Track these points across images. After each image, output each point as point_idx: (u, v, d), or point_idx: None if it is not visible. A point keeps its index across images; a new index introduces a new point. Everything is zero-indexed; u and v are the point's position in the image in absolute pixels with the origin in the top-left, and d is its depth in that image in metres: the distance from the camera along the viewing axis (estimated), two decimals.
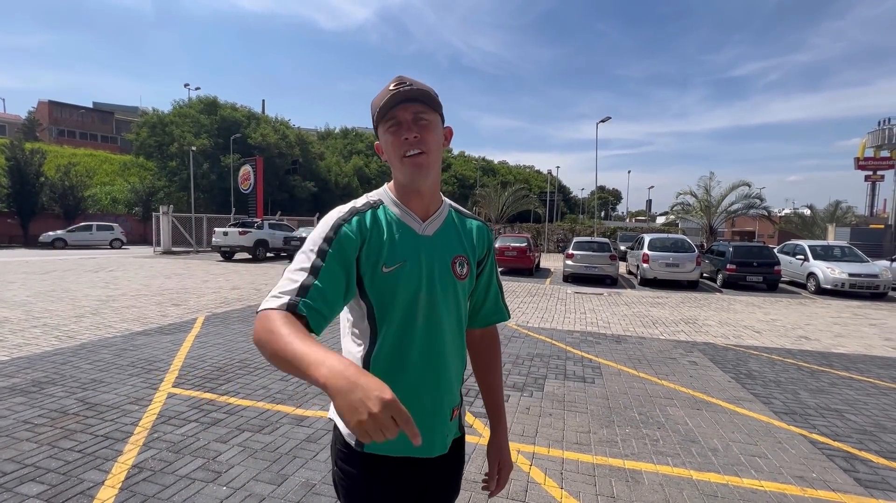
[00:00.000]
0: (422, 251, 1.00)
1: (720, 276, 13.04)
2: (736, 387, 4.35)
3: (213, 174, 30.55)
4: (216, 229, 17.57)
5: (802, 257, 13.10)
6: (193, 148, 28.01)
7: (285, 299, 0.83)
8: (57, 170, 26.08)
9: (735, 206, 23.15)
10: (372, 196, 1.06)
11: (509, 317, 1.22)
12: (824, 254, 12.85)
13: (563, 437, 3.17)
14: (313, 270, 0.88)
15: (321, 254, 0.90)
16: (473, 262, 1.10)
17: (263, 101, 73.19)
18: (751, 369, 4.99)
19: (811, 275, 12.44)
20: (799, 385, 4.50)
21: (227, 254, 17.43)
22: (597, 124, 23.80)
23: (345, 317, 1.06)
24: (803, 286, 13.01)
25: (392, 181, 1.07)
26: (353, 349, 1.03)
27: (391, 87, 0.95)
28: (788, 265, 13.47)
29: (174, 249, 20.34)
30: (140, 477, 2.48)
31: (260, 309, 0.83)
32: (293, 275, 0.88)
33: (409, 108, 0.95)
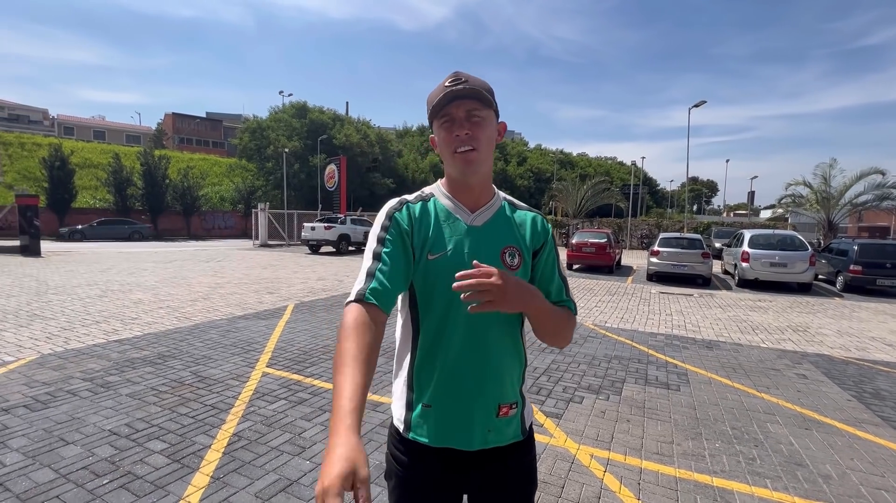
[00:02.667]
0: (468, 241, 1.02)
1: (840, 279, 11.29)
2: (858, 408, 3.75)
3: (303, 173, 33.12)
4: (305, 224, 19.06)
5: None
6: (286, 150, 30.61)
7: (358, 287, 0.93)
8: (178, 173, 30.05)
9: (863, 198, 19.77)
10: (425, 190, 1.11)
11: (576, 312, 1.15)
12: None
13: (641, 446, 2.98)
14: (376, 256, 0.97)
15: (380, 241, 0.99)
16: (527, 253, 1.07)
17: (347, 102, 77.66)
18: (879, 388, 4.27)
19: None
20: None
21: (314, 248, 18.83)
22: (689, 109, 21.72)
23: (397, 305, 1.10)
24: None
25: (445, 177, 1.10)
26: (402, 335, 1.08)
27: (446, 84, 0.97)
28: None
29: (270, 243, 22.45)
30: (239, 444, 2.79)
31: (349, 299, 0.92)
32: (364, 266, 0.97)
33: (463, 104, 0.97)
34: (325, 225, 18.17)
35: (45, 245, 17.02)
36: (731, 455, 2.88)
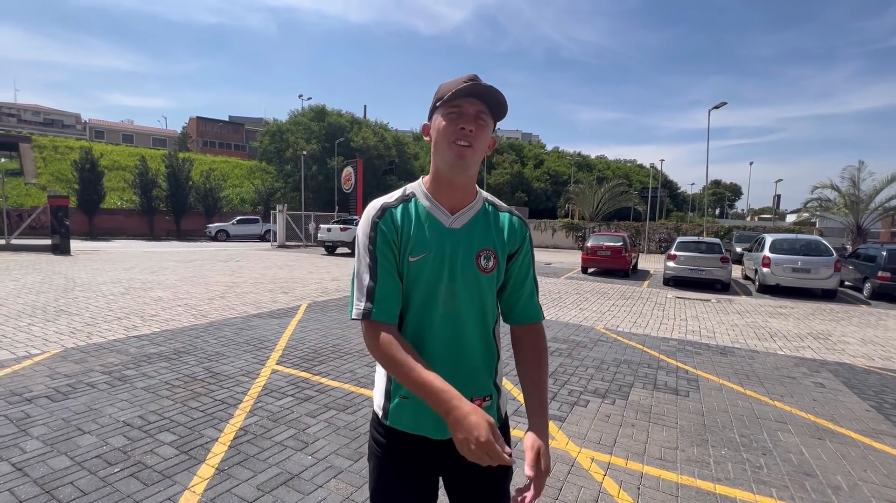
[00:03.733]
0: (446, 243, 1.05)
1: (868, 286, 10.88)
2: (876, 419, 3.62)
3: (321, 175, 33.64)
4: (321, 226, 19.36)
5: None
6: (305, 152, 31.16)
7: (362, 306, 1.01)
8: (200, 175, 30.89)
9: (895, 202, 19.02)
10: (407, 188, 1.14)
11: (542, 318, 1.19)
12: None
13: (644, 450, 2.94)
14: (371, 274, 1.02)
15: (371, 255, 1.03)
16: (503, 256, 1.10)
17: (365, 106, 78.32)
18: None
19: None
20: None
21: (330, 249, 19.09)
22: (709, 111, 21.26)
23: None
24: None
25: (428, 175, 1.13)
26: None
27: (465, 80, 1.00)
28: None
29: (287, 243, 22.85)
30: (245, 438, 2.87)
31: (352, 316, 1.04)
32: (360, 277, 1.03)
33: (476, 104, 1.00)
34: (341, 226, 18.41)
35: (76, 244, 17.72)
36: (738, 463, 2.83)
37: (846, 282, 12.31)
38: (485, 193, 1.17)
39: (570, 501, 2.36)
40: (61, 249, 14.73)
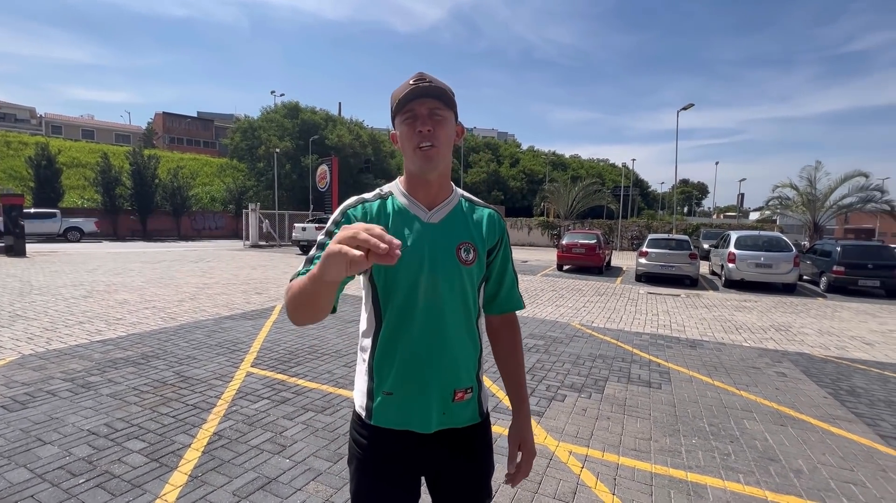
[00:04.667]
0: (425, 237, 1.06)
1: (824, 279, 11.49)
2: (833, 405, 3.83)
3: (295, 174, 32.99)
4: (296, 225, 18.99)
5: None
6: (278, 150, 30.45)
7: (298, 269, 0.97)
8: (168, 172, 29.75)
9: (848, 200, 20.09)
10: (384, 188, 1.15)
11: (524, 307, 1.26)
12: None
13: (620, 442, 3.02)
14: (320, 246, 0.99)
15: (328, 234, 1.03)
16: (482, 249, 1.12)
17: (340, 103, 77.33)
18: (855, 385, 4.36)
19: None
20: None
21: (305, 248, 18.75)
22: (677, 112, 21.99)
23: (361, 301, 1.16)
24: None
25: (403, 175, 1.14)
26: (365, 328, 1.13)
27: (411, 82, 1.01)
28: None
29: (260, 243, 22.32)
30: (219, 443, 2.79)
31: (290, 279, 0.99)
32: (310, 252, 1.02)
33: (426, 103, 1.01)
34: (317, 225, 18.12)
35: (31, 246, 16.77)
36: (707, 451, 2.94)
37: (804, 277, 12.96)
38: (460, 190, 1.18)
39: (549, 494, 2.40)
40: (16, 251, 13.93)
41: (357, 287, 0.93)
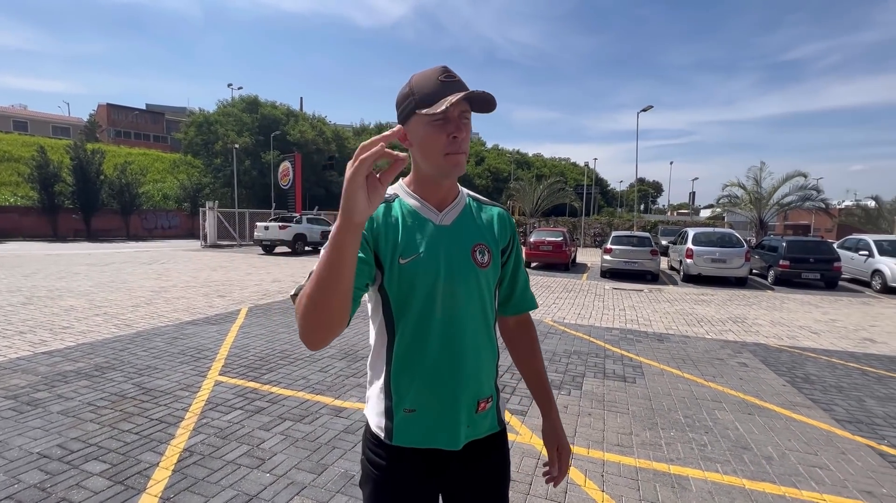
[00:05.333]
0: (440, 241, 0.99)
1: (772, 273, 12.28)
2: (792, 392, 4.08)
3: (255, 170, 31.74)
4: (258, 224, 18.26)
5: (866, 253, 12.11)
6: (236, 146, 29.19)
7: (300, 283, 0.89)
8: (114, 168, 27.79)
9: (788, 199, 21.65)
10: (388, 191, 1.03)
11: (537, 306, 1.25)
12: (892, 249, 11.81)
13: (603, 438, 3.07)
14: None
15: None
16: (496, 250, 1.07)
17: (301, 98, 75.19)
18: (808, 373, 4.67)
19: (877, 272, 11.49)
20: (864, 391, 4.16)
21: (268, 248, 18.08)
22: (637, 114, 22.86)
23: (368, 311, 1.07)
24: (867, 284, 12.04)
25: (407, 177, 1.06)
26: (375, 342, 1.05)
27: (442, 79, 0.91)
28: (850, 261, 12.50)
29: (219, 243, 21.32)
30: (191, 460, 2.61)
31: (290, 295, 0.94)
32: (313, 267, 0.91)
33: (460, 104, 0.91)
34: (280, 224, 17.51)
35: None
36: (685, 442, 3.04)
37: (754, 271, 13.80)
38: (465, 189, 1.13)
39: (541, 495, 2.40)
40: None
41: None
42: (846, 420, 3.50)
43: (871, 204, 30.68)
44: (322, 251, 0.90)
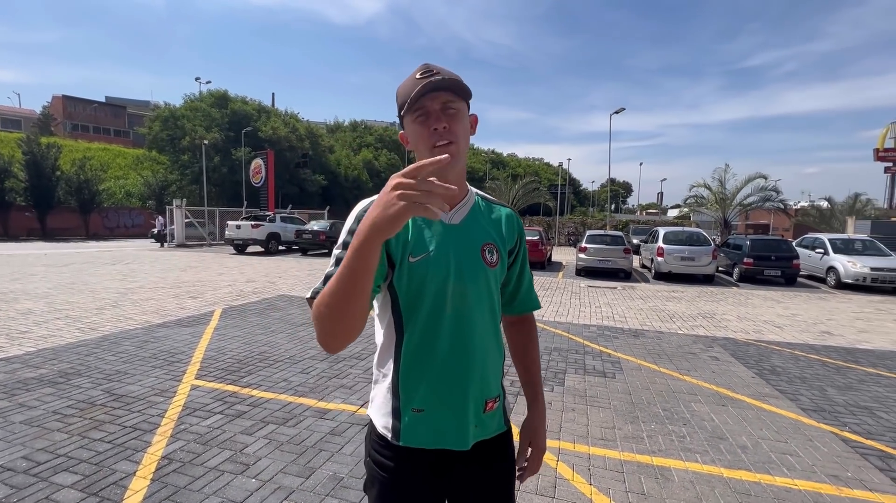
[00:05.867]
0: (449, 239, 0.99)
1: (737, 270, 12.84)
2: (760, 384, 4.27)
3: (225, 167, 30.75)
4: (229, 222, 17.72)
5: (822, 251, 12.83)
6: (205, 142, 28.20)
7: (315, 287, 0.89)
8: (72, 164, 26.36)
9: (750, 199, 22.72)
10: None
11: (540, 306, 1.27)
12: (845, 247, 12.57)
13: (587, 433, 3.14)
14: (337, 261, 0.89)
15: (345, 245, 0.91)
16: (504, 250, 1.08)
17: (273, 94, 73.17)
18: (774, 365, 4.90)
19: (831, 269, 12.19)
20: (825, 381, 4.41)
21: (240, 247, 17.57)
22: (610, 115, 23.47)
23: (374, 311, 1.05)
24: (822, 280, 12.76)
25: None
26: (383, 342, 1.03)
27: (418, 77, 0.93)
28: (807, 259, 13.21)
29: (187, 242, 20.57)
30: (170, 468, 2.50)
31: (306, 297, 0.91)
32: (327, 270, 0.91)
33: (438, 97, 0.93)
34: (253, 223, 17.05)
35: None
36: (665, 435, 3.14)
37: (720, 268, 14.40)
38: (473, 188, 1.13)
39: (531, 490, 2.43)
40: None
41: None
42: (811, 409, 3.70)
43: (825, 204, 32.59)
44: (338, 257, 0.88)
